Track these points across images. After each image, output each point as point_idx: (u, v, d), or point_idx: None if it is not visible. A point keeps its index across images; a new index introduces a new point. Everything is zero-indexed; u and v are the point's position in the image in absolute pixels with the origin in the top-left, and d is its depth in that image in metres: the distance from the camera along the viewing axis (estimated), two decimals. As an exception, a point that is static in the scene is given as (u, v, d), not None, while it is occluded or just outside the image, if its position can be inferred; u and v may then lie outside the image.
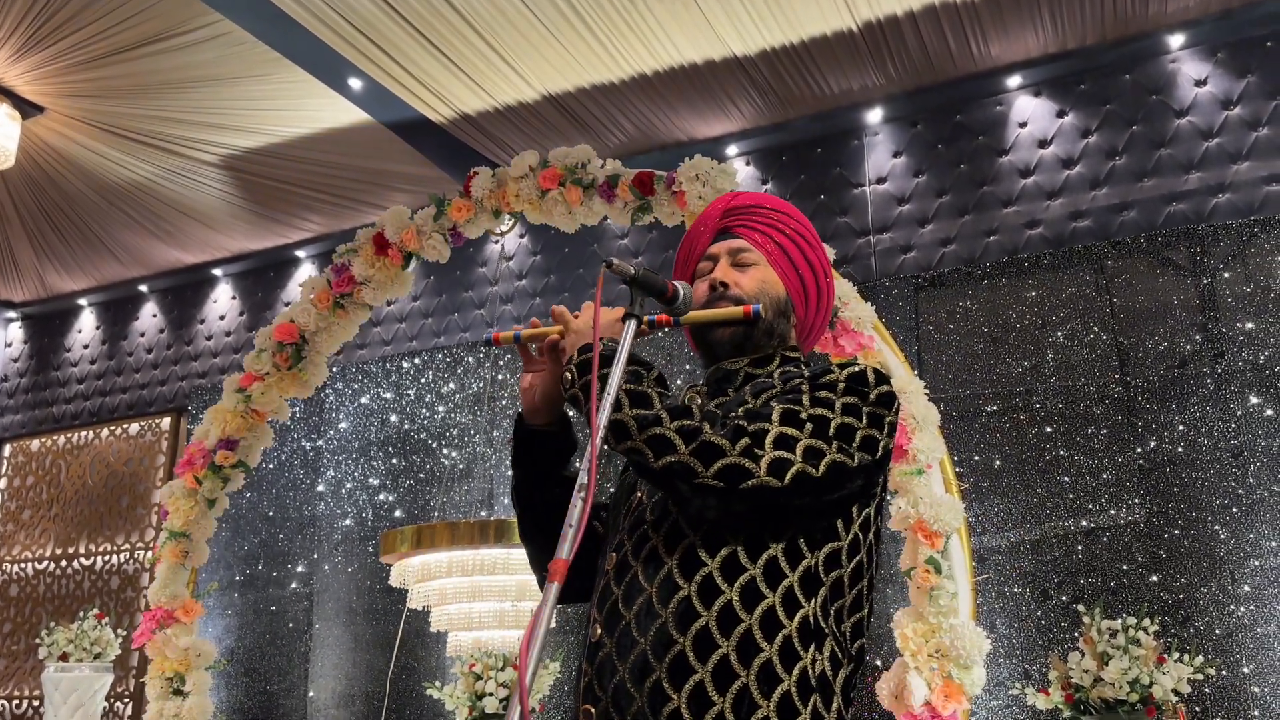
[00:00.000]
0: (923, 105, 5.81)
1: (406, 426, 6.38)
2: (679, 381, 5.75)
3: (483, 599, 3.14)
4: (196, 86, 5.64)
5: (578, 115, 5.98)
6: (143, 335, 7.97)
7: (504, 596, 3.16)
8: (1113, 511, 4.66)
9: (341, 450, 6.50)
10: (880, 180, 5.85)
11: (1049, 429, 4.88)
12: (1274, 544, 4.40)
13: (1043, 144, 5.53)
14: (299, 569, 6.39)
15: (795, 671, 1.34)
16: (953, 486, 3.12)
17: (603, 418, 1.37)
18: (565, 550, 1.28)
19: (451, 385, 6.35)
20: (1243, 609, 4.38)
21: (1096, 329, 4.96)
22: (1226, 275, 4.81)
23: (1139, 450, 4.72)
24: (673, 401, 1.44)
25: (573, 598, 1.72)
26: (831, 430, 1.39)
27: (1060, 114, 5.53)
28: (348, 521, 6.33)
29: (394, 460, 6.34)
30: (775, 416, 1.38)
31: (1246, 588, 4.39)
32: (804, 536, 1.41)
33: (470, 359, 6.39)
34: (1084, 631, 4.14)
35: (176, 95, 5.72)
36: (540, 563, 1.74)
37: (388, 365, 6.52)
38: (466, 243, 4.71)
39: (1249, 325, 4.69)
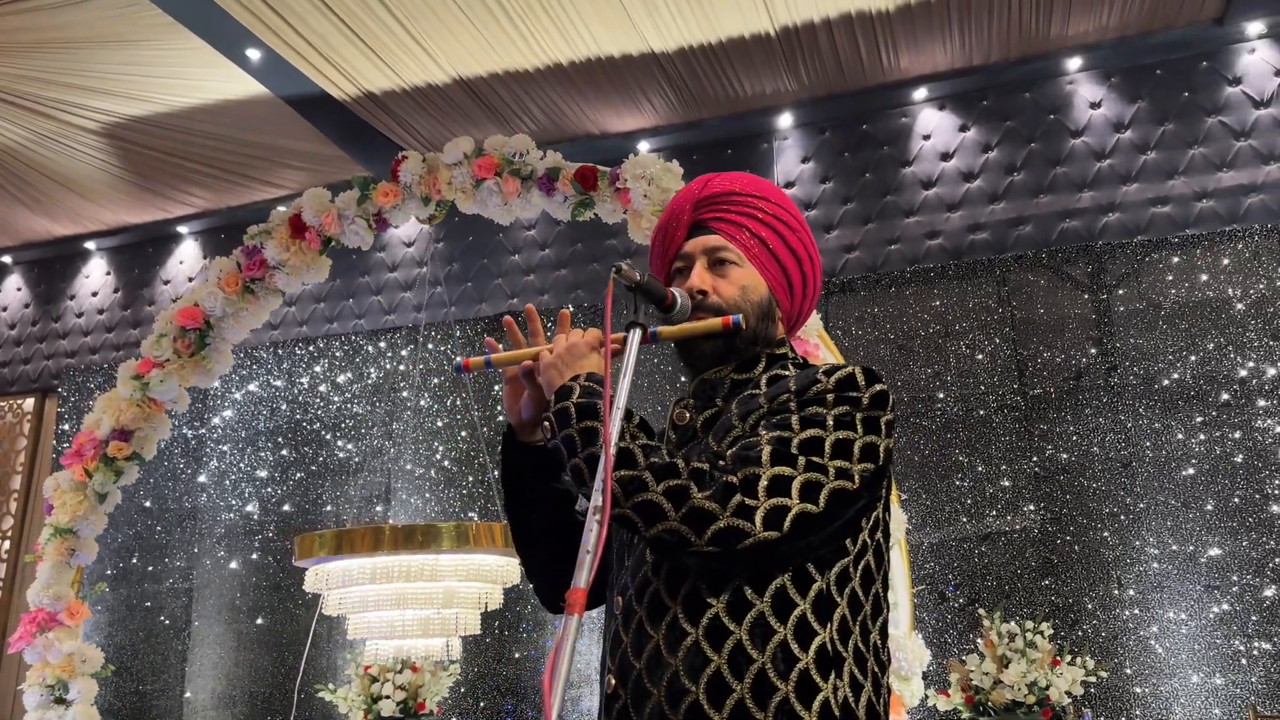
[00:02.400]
0: (832, 113, 5.89)
1: (298, 416, 6.11)
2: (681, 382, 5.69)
3: (408, 606, 3.02)
4: (77, 48, 5.24)
5: (488, 100, 5.83)
6: (4, 309, 7.41)
7: (430, 604, 3.04)
8: (1009, 517, 4.84)
9: (226, 439, 6.18)
10: (789, 185, 5.91)
11: (949, 435, 5.03)
12: (1157, 551, 4.65)
13: (945, 157, 5.68)
14: (177, 563, 6.05)
15: (816, 704, 1.29)
16: (894, 496, 3.17)
17: (597, 482, 1.30)
18: (583, 579, 1.21)
19: (348, 375, 6.11)
20: (1127, 613, 4.61)
21: (997, 340, 5.13)
22: (1121, 292, 5.04)
23: (1035, 459, 4.92)
24: (657, 454, 1.34)
25: (557, 606, 1.65)
26: (827, 451, 1.33)
27: (963, 128, 5.70)
28: (231, 515, 6.03)
29: (284, 452, 6.06)
30: (766, 456, 1.31)
31: (1131, 592, 4.63)
32: (812, 561, 1.37)
33: (369, 348, 6.17)
34: (984, 634, 4.28)
35: (54, 56, 5.31)
36: (538, 574, 1.67)
37: (279, 351, 6.23)
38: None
39: (1140, 341, 4.94)
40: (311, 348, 6.25)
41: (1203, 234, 5.03)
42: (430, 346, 5.85)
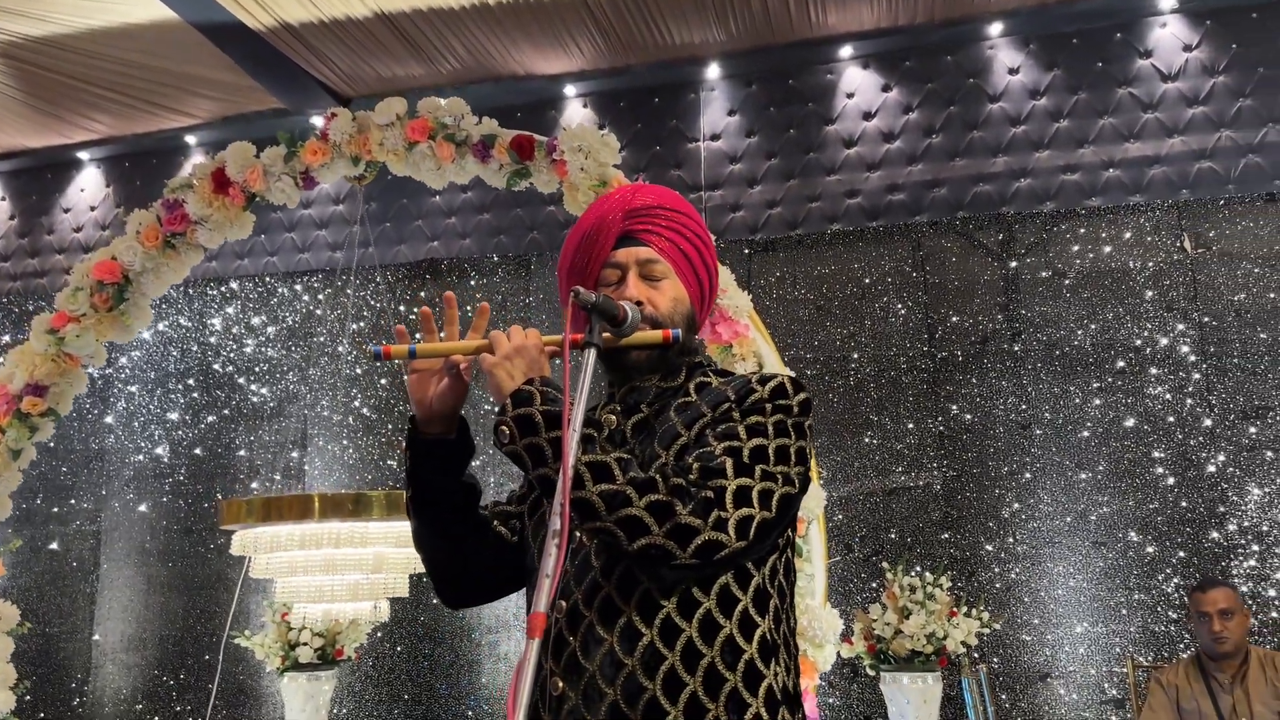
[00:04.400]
0: (759, 66, 5.90)
1: (209, 358, 5.97)
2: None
3: (337, 572, 3.04)
4: (-31, -36, 4.92)
5: (410, 36, 5.67)
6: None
7: (360, 569, 3.07)
8: (914, 473, 5.06)
9: (135, 380, 6.02)
10: (714, 137, 5.93)
11: (861, 394, 5.20)
12: (1050, 509, 4.92)
13: (867, 116, 5.76)
14: (85, 505, 5.92)
15: (761, 691, 1.41)
16: (815, 474, 3.29)
17: (562, 490, 1.33)
18: (543, 603, 1.27)
19: (263, 317, 5.98)
20: (1020, 566, 4.90)
21: (910, 303, 5.29)
22: (1029, 260, 5.24)
23: (941, 418, 5.13)
24: (633, 467, 1.38)
25: (458, 602, 1.69)
26: (772, 458, 1.43)
27: (885, 88, 5.77)
28: (140, 457, 5.90)
29: (195, 394, 5.94)
30: (729, 469, 1.39)
31: (1024, 548, 4.91)
32: (751, 559, 1.46)
33: (284, 290, 6.04)
34: (887, 586, 4.49)
35: (-58, -29, 4.97)
36: (441, 571, 1.67)
37: (189, 291, 6.05)
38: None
39: (1044, 308, 5.15)
40: (224, 289, 6.09)
41: (1108, 206, 5.23)
42: (350, 291, 5.76)
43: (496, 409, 1.46)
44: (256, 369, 5.93)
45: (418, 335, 1.56)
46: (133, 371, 6.06)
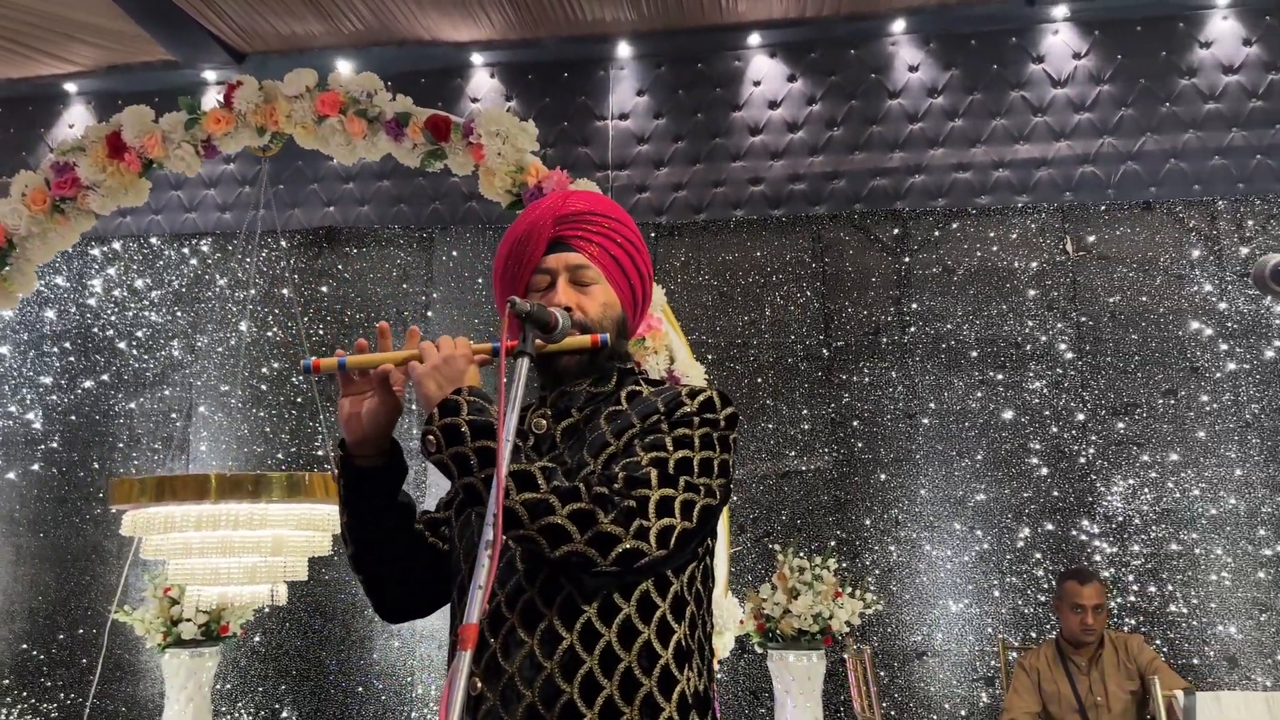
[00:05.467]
0: (669, 48, 5.91)
1: (88, 321, 5.70)
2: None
3: (234, 554, 2.96)
4: None
5: (312, -5, 5.49)
6: None
7: (258, 552, 3.00)
8: (806, 458, 5.21)
9: (5, 340, 5.70)
10: (623, 116, 5.93)
11: (759, 380, 5.32)
12: (931, 494, 5.14)
13: (772, 105, 5.85)
14: (-54, 472, 5.60)
15: (675, 695, 1.45)
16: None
17: (493, 502, 1.35)
18: (475, 615, 1.29)
19: (147, 280, 5.73)
20: (901, 549, 5.11)
21: (809, 293, 5.43)
22: (921, 256, 5.42)
23: (833, 405, 5.29)
24: (557, 476, 1.41)
25: (399, 618, 1.71)
26: (696, 470, 1.47)
27: (791, 78, 5.86)
28: (10, 423, 5.61)
29: (71, 358, 5.66)
30: (654, 479, 1.42)
31: (906, 531, 5.12)
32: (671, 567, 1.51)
33: (171, 253, 5.79)
34: (778, 568, 4.64)
35: None
36: (378, 589, 1.68)
37: (68, 250, 5.74)
38: (159, 103, 4.19)
39: (933, 303, 5.35)
40: (106, 249, 5.80)
41: (996, 206, 5.45)
42: (242, 257, 5.57)
43: (423, 418, 1.46)
44: (139, 334, 5.69)
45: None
46: (3, 332, 5.74)
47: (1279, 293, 1.48)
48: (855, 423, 5.26)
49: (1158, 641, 4.78)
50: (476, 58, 6.01)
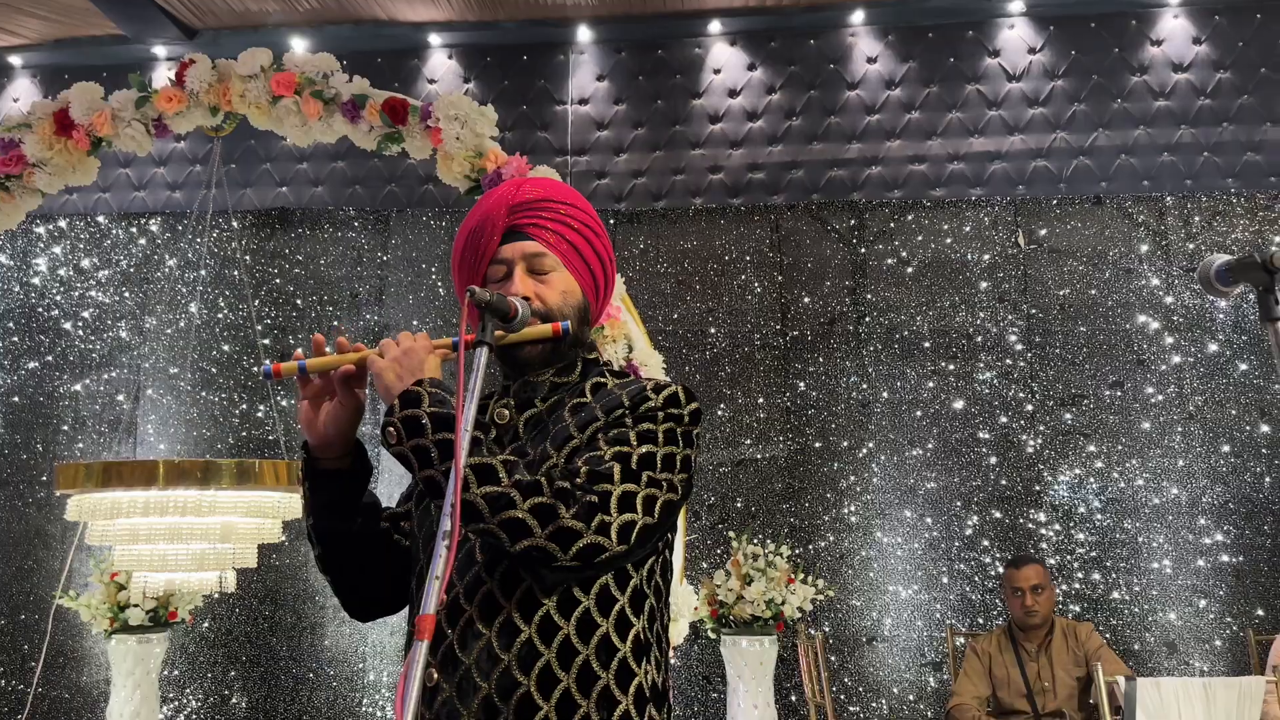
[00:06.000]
0: (629, 33, 5.89)
1: (33, 301, 5.57)
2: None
3: (182, 541, 2.92)
4: None
5: (266, -28, 5.39)
6: None
7: (207, 539, 2.96)
8: (761, 446, 5.25)
9: (-57, 319, 5.56)
10: (583, 101, 5.90)
11: (716, 368, 5.35)
12: (880, 482, 5.21)
13: (732, 93, 5.86)
14: (-120, 454, 5.45)
15: (631, 689, 1.46)
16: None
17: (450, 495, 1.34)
18: (432, 605, 1.28)
19: (94, 260, 5.60)
20: (852, 536, 5.17)
21: (766, 282, 5.45)
22: (877, 248, 5.47)
23: (788, 394, 5.33)
24: (519, 469, 1.40)
25: (368, 616, 1.70)
26: (659, 465, 1.47)
27: (751, 67, 5.87)
28: (-51, 403, 5.47)
29: (14, 339, 5.53)
30: (617, 474, 1.42)
31: (857, 519, 5.18)
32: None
33: (119, 232, 5.66)
34: (732, 554, 4.67)
35: None
36: (347, 588, 1.68)
37: (13, 228, 5.60)
38: (107, 78, 4.07)
39: (887, 294, 5.40)
40: (52, 227, 5.66)
41: (950, 199, 5.51)
42: (192, 237, 5.47)
43: (384, 411, 1.45)
44: (85, 314, 5.57)
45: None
46: (-58, 310, 5.59)
47: (1224, 293, 1.51)
48: (810, 411, 5.30)
49: (1101, 628, 4.89)
50: (434, 38, 5.95)
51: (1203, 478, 5.07)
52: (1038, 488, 5.13)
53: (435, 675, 1.46)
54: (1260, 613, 4.92)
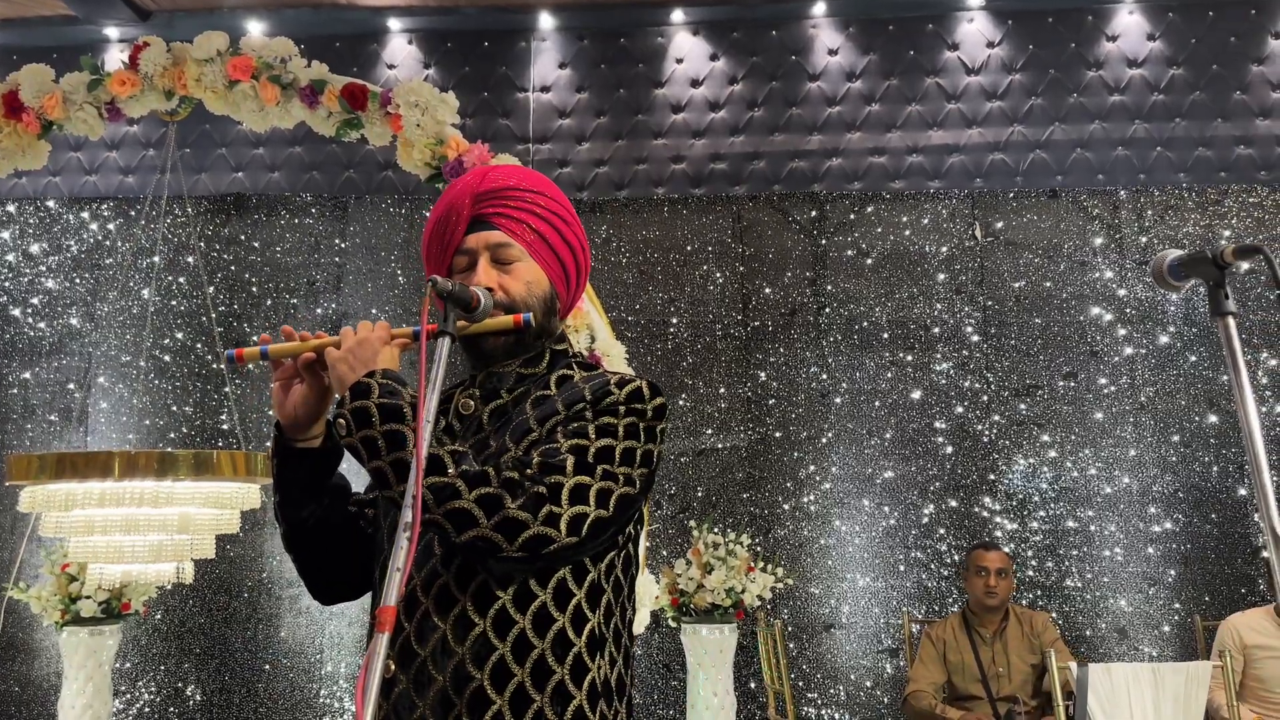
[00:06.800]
0: (592, 21, 5.87)
1: (-20, 287, 5.44)
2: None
3: (139, 532, 2.87)
4: None
5: (222, -47, 5.29)
6: None
7: (164, 530, 2.91)
8: (722, 435, 5.27)
9: (-115, 304, 5.41)
10: (544, 89, 5.87)
11: (678, 358, 5.36)
12: (839, 471, 5.26)
13: (695, 83, 5.86)
14: None
15: (585, 684, 1.45)
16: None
17: (411, 485, 1.34)
18: (393, 597, 1.28)
19: (44, 245, 5.48)
20: (811, 525, 5.21)
21: (728, 272, 5.47)
22: (837, 239, 5.51)
23: (749, 384, 5.35)
24: (466, 460, 1.40)
25: (331, 599, 1.70)
26: (617, 458, 1.46)
27: (713, 57, 5.87)
28: (-108, 390, 5.33)
29: (-39, 325, 5.41)
30: (570, 466, 1.41)
31: (816, 507, 5.23)
32: (589, 555, 1.51)
33: (70, 217, 5.55)
34: (693, 543, 4.69)
35: None
36: (313, 570, 1.67)
37: (-44, 211, 5.47)
38: (57, 59, 3.96)
39: (847, 285, 5.44)
40: (0, 212, 5.54)
41: (909, 191, 5.56)
42: (145, 222, 5.37)
43: (336, 403, 1.44)
44: (35, 301, 5.45)
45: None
46: (-116, 295, 5.45)
47: (1176, 287, 1.54)
48: (771, 401, 5.34)
49: (1054, 615, 4.98)
50: (394, 23, 5.88)
51: (1153, 467, 5.17)
52: (992, 476, 5.21)
53: (393, 667, 1.45)
54: (1207, 599, 5.04)
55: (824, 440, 5.28)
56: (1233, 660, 3.75)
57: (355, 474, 1.75)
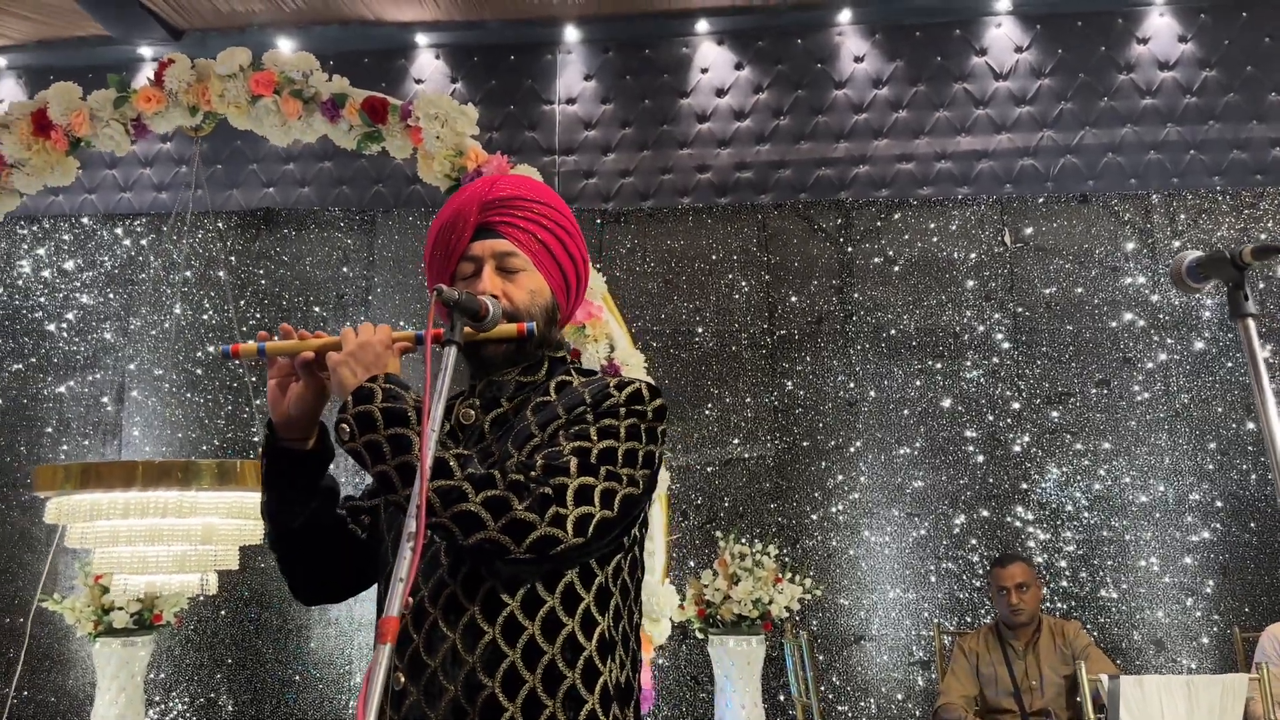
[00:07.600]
0: (617, 33, 5.89)
1: (16, 303, 5.54)
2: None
3: (163, 542, 2.90)
4: None
5: (251, -27, 5.37)
6: None
7: (188, 540, 2.94)
8: (749, 445, 5.24)
9: (-74, 321, 5.53)
10: (570, 101, 5.89)
11: (704, 368, 5.34)
12: (868, 481, 5.20)
13: (720, 93, 5.85)
14: None
15: (597, 688, 1.45)
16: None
17: (416, 496, 1.33)
18: (395, 608, 1.27)
19: (78, 262, 5.58)
20: (840, 535, 5.16)
21: (754, 281, 5.45)
22: (864, 246, 5.47)
23: (776, 393, 5.32)
24: (472, 464, 1.40)
25: (313, 600, 1.69)
26: (619, 460, 1.46)
27: (738, 66, 5.87)
28: (-67, 405, 5.44)
29: (-1, 340, 5.51)
30: (573, 467, 1.41)
31: (845, 517, 5.17)
32: (595, 558, 1.50)
33: (104, 234, 5.64)
34: (719, 554, 4.66)
35: None
36: (298, 571, 1.66)
37: (-5, 228, 5.58)
38: (92, 79, 4.04)
39: (875, 292, 5.40)
40: (36, 228, 5.64)
41: (938, 197, 5.51)
42: (175, 238, 5.45)
43: (338, 407, 1.44)
44: (69, 316, 5.54)
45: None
46: (-75, 312, 5.57)
47: (1195, 289, 1.50)
48: (797, 410, 5.30)
49: (1089, 626, 4.89)
50: (421, 38, 5.94)
51: (1189, 475, 5.07)
52: (1025, 486, 5.13)
53: (402, 679, 1.45)
54: (1247, 610, 4.93)
55: (852, 449, 5.23)
56: (1271, 670, 3.66)
57: (351, 477, 1.75)
